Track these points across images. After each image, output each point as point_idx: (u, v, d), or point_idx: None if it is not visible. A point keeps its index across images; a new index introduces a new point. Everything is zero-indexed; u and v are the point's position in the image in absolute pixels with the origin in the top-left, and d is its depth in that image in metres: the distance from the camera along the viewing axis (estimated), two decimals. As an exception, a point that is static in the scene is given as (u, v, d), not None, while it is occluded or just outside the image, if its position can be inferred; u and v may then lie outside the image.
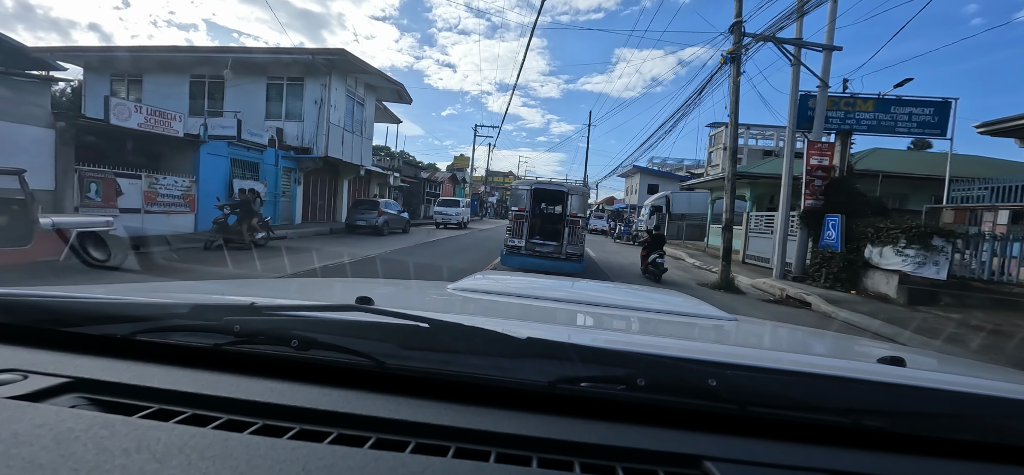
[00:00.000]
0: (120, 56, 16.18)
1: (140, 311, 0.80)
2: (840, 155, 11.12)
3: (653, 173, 44.18)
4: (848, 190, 10.77)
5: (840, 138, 11.23)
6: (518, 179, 31.83)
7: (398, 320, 0.73)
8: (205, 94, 16.27)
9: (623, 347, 0.80)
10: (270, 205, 14.71)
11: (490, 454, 0.56)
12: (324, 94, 15.32)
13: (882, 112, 11.28)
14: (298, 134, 15.67)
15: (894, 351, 0.95)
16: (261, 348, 0.72)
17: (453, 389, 0.67)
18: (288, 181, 15.92)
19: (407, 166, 32.94)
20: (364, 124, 18.18)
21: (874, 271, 9.42)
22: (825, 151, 10.96)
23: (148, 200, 10.52)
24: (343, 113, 16.35)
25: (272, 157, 14.80)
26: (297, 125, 15.71)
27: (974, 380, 0.88)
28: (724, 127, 57.27)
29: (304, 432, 0.57)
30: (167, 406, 0.60)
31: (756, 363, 0.76)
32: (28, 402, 0.57)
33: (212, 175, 12.29)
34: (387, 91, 19.34)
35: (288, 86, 15.82)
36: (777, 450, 0.60)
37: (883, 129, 11.37)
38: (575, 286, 1.90)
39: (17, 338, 0.75)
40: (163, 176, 10.94)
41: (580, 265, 9.06)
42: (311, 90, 15.51)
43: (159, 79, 16.27)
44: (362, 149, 18.18)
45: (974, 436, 0.65)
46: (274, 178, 14.91)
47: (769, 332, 1.55)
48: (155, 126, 10.44)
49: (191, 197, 11.63)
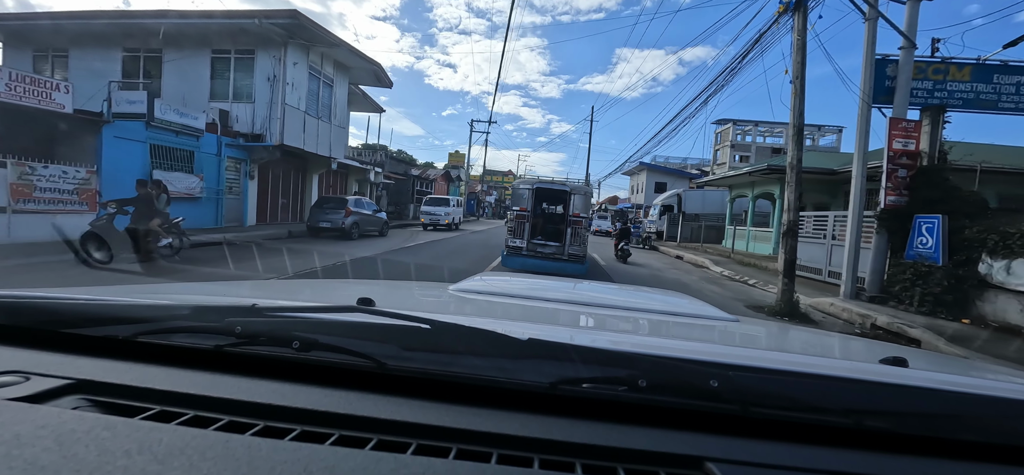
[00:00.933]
0: (37, 25, 13.58)
1: (142, 312, 0.80)
2: (929, 138, 8.49)
3: (661, 170, 41.53)
4: (941, 184, 8.15)
5: (929, 116, 8.58)
6: (518, 178, 30.62)
7: (399, 321, 0.73)
8: (140, 71, 13.69)
9: (624, 348, 0.80)
10: (210, 204, 12.13)
11: (491, 455, 0.56)
12: (277, 69, 12.72)
13: (982, 82, 8.65)
14: (249, 118, 13.08)
15: (896, 351, 0.95)
16: (262, 349, 0.72)
17: (454, 390, 0.67)
18: (237, 174, 13.32)
19: (395, 162, 30.31)
20: (334, 109, 15.57)
21: (998, 293, 6.83)
22: (911, 132, 8.36)
23: (17, 195, 7.93)
24: (304, 94, 13.75)
25: (213, 144, 12.20)
26: (247, 107, 13.12)
27: (977, 380, 0.89)
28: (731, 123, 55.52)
29: (305, 433, 0.57)
30: (169, 407, 0.60)
31: (758, 364, 0.76)
32: (30, 403, 0.57)
33: (122, 165, 9.67)
34: (362, 72, 16.73)
35: (236, 60, 13.22)
36: (779, 451, 0.61)
37: (983, 104, 8.71)
38: (577, 287, 1.87)
39: (19, 340, 0.75)
40: (44, 164, 8.34)
41: (583, 267, 8.73)
42: (264, 65, 12.91)
43: (87, 53, 13.67)
44: (332, 138, 15.57)
45: (977, 437, 0.64)
46: (215, 170, 12.32)
47: (770, 333, 1.57)
48: (23, 97, 7.82)
49: (90, 193, 9.03)
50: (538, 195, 9.83)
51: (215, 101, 13.22)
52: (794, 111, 7.41)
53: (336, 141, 15.92)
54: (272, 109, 12.85)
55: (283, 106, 12.77)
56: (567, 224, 9.10)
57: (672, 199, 27.19)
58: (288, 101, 12.93)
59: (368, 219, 14.59)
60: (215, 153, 12.25)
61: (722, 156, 56.04)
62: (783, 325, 1.57)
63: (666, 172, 41.63)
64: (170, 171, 10.72)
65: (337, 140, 15.98)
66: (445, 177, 37.28)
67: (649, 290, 2.11)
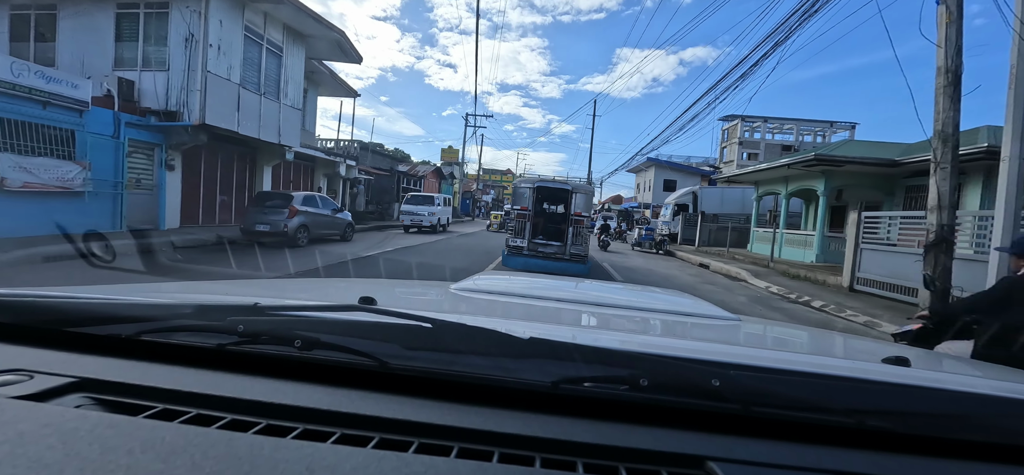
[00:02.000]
0: None
1: (145, 311, 0.80)
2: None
3: (671, 166, 38.55)
4: None
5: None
6: (517, 177, 30.08)
7: (401, 320, 0.73)
8: (31, 33, 10.82)
9: (626, 347, 0.80)
10: (103, 201, 9.25)
11: (493, 454, 0.56)
12: (197, 26, 9.82)
13: None
14: (164, 91, 10.19)
15: (898, 350, 0.95)
16: (265, 348, 0.72)
17: (456, 389, 0.67)
18: (148, 163, 10.43)
19: (378, 156, 27.44)
20: (285, 86, 12.68)
21: None
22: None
23: None
24: (239, 62, 10.86)
25: (107, 123, 9.31)
26: (162, 77, 10.23)
27: (979, 380, 0.89)
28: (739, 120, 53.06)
29: (308, 432, 0.57)
30: (172, 406, 0.60)
31: (760, 363, 0.76)
32: (34, 402, 0.57)
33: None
34: (322, 43, 13.83)
35: (147, 16, 10.32)
36: (781, 450, 0.60)
37: None
38: (579, 286, 1.83)
39: (23, 338, 0.75)
40: None
41: (585, 266, 8.70)
42: (179, 22, 10.01)
43: (-35, 12, 10.81)
44: (282, 121, 12.67)
45: (979, 436, 0.64)
46: (113, 157, 9.43)
47: (773, 332, 1.54)
48: None
49: None
50: (539, 194, 9.64)
51: (122, 70, 10.35)
52: (948, 45, 4.50)
53: (288, 125, 13.01)
54: (189, 78, 9.95)
55: (204, 75, 9.87)
56: (569, 223, 8.91)
57: (687, 197, 24.34)
58: (213, 69, 10.03)
59: (323, 221, 11.72)
60: (111, 134, 9.36)
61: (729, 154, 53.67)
62: (785, 324, 1.49)
63: (677, 169, 38.68)
64: (27, 155, 7.84)
65: (289, 124, 13.07)
66: (436, 174, 34.34)
67: (652, 289, 2.04)
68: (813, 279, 11.19)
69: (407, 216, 18.32)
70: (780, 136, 54.62)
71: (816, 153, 13.09)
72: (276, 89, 12.39)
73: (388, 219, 22.91)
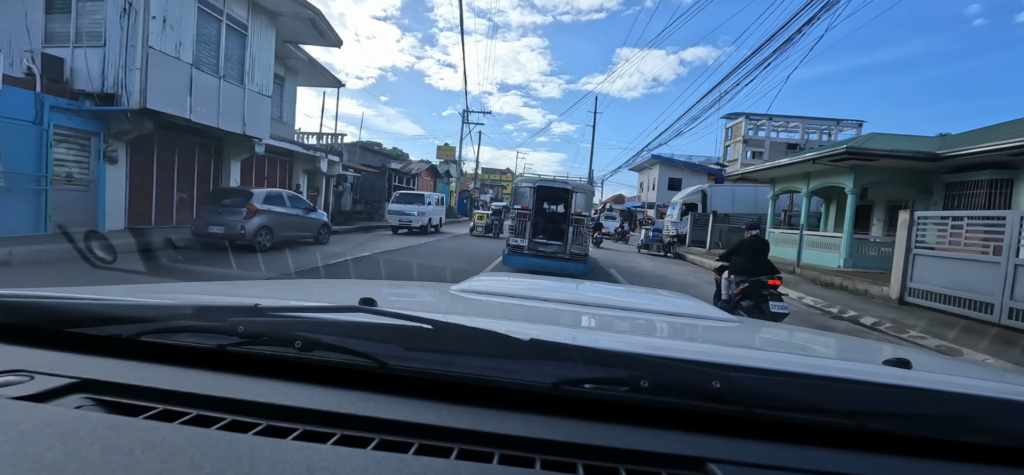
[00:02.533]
0: None
1: (145, 312, 0.79)
2: None
3: (676, 164, 37.01)
4: None
5: None
6: (517, 176, 29.14)
7: (401, 321, 0.73)
8: (-49, 6, 9.42)
9: (626, 348, 0.79)
10: (27, 197, 7.86)
11: (493, 455, 0.56)
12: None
13: None
14: (99, 70, 8.79)
15: (901, 353, 0.93)
16: (265, 349, 0.72)
17: (456, 390, 0.67)
18: (83, 155, 9.03)
19: (368, 152, 26.02)
20: (251, 69, 11.26)
21: None
22: None
23: None
24: (191, 39, 9.45)
25: (25, 108, 7.90)
26: (97, 55, 8.83)
27: (981, 382, 0.87)
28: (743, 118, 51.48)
29: (308, 433, 0.56)
30: (172, 407, 0.60)
31: (760, 365, 0.75)
32: (35, 402, 0.57)
33: None
34: (295, 23, 12.41)
35: (81, -15, 8.93)
36: (781, 452, 0.60)
37: None
38: (579, 288, 1.84)
39: (23, 339, 0.75)
40: None
41: (585, 266, 8.64)
42: (118, -10, 8.61)
43: None
44: (247, 109, 11.25)
45: (981, 438, 0.64)
46: (35, 147, 8.02)
47: (773, 334, 1.53)
48: None
49: None
50: (540, 193, 9.67)
51: (54, 46, 8.95)
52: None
53: (255, 114, 11.60)
54: (128, 56, 8.54)
55: (145, 51, 8.45)
56: (569, 223, 8.96)
57: (695, 196, 22.91)
58: (155, 45, 8.62)
59: (290, 221, 10.31)
60: (32, 119, 7.96)
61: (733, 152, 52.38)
62: (787, 327, 1.59)
63: (683, 167, 37.15)
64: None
65: (257, 113, 11.65)
66: (431, 172, 32.91)
67: (652, 291, 2.05)
68: (850, 288, 9.78)
69: (395, 216, 16.90)
70: (785, 134, 53.28)
71: (848, 146, 11.66)
72: (239, 72, 10.98)
73: (377, 219, 21.52)
